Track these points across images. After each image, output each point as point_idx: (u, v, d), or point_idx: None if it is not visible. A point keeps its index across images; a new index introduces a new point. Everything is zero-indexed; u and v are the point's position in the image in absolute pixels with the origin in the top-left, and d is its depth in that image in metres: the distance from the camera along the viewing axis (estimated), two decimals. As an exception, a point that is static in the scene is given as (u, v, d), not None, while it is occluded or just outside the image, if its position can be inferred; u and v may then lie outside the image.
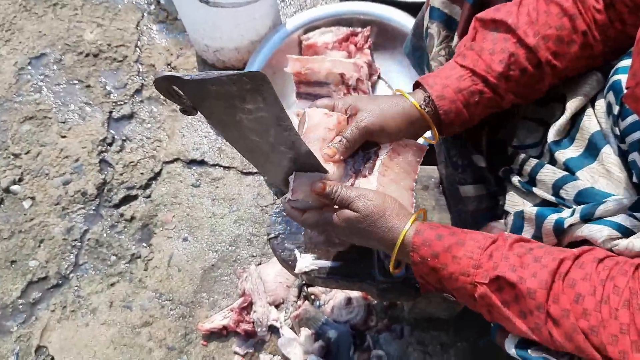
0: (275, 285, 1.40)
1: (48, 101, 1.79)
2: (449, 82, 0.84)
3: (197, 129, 1.71)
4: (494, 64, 0.81)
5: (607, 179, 0.77)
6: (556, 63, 0.81)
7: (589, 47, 0.81)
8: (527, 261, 0.68)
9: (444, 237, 0.74)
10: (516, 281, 0.66)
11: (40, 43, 1.89)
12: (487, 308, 0.72)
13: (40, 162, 1.69)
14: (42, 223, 1.60)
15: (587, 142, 0.81)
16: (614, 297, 0.61)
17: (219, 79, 0.60)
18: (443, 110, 0.83)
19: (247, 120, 0.68)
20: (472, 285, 0.71)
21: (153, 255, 1.52)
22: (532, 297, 0.65)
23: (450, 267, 0.72)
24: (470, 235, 0.74)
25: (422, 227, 0.77)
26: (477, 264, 0.70)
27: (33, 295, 1.51)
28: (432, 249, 0.74)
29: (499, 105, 0.86)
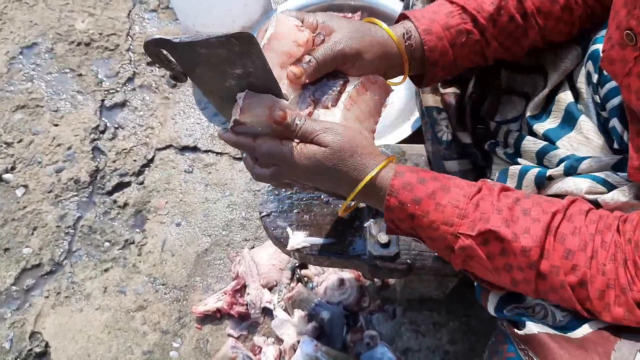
0: (268, 268, 1.41)
1: (40, 90, 1.79)
2: (437, 17, 0.79)
3: (189, 115, 1.71)
4: (485, 4, 0.79)
5: (587, 146, 0.78)
6: (539, 19, 0.81)
7: (570, 9, 0.81)
8: (516, 213, 0.65)
9: (426, 181, 0.68)
10: (510, 238, 0.63)
11: (32, 32, 1.89)
12: (464, 258, 0.68)
13: (32, 151, 1.69)
14: (35, 211, 1.60)
15: (563, 113, 0.82)
16: (602, 252, 0.61)
17: (208, 40, 0.61)
18: (429, 46, 0.78)
19: (237, 87, 0.69)
20: (453, 236, 0.67)
21: (146, 241, 1.53)
22: (526, 255, 0.63)
23: (432, 215, 0.67)
24: (454, 182, 0.69)
25: (402, 168, 0.70)
26: (462, 213, 0.66)
27: (27, 282, 1.51)
28: (414, 194, 0.68)
29: (482, 52, 0.83)
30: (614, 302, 0.60)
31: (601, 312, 0.61)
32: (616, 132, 0.74)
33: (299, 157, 0.70)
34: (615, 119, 0.74)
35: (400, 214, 0.69)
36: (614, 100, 0.73)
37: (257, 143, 0.72)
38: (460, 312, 1.35)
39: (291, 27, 0.71)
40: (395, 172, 0.69)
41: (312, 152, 0.69)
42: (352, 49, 0.73)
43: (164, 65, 0.66)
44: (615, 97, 0.73)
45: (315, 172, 0.70)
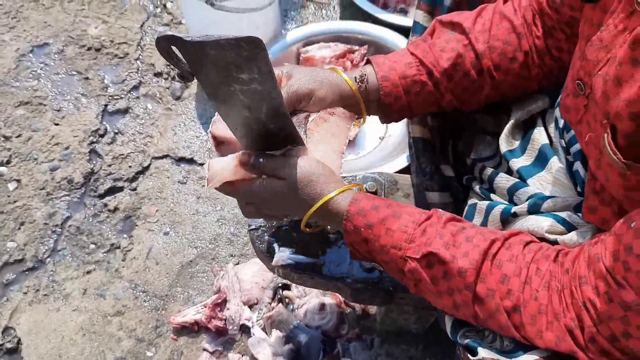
0: (251, 286, 1.41)
1: (45, 89, 1.81)
2: (397, 66, 0.87)
3: (189, 128, 1.74)
4: (442, 60, 0.85)
5: (555, 186, 0.82)
6: (495, 75, 0.86)
7: (527, 67, 0.87)
8: (459, 240, 0.69)
9: (380, 208, 0.74)
10: (448, 259, 0.68)
11: (44, 33, 1.93)
12: (414, 282, 0.72)
13: (30, 147, 1.70)
14: (25, 206, 1.60)
15: (537, 152, 0.86)
16: (536, 279, 0.65)
17: (218, 42, 0.63)
18: (384, 91, 0.86)
19: (241, 92, 0.71)
20: (402, 259, 0.71)
21: (132, 247, 1.53)
22: (463, 276, 0.67)
23: (383, 239, 0.72)
24: (406, 209, 0.74)
25: (359, 196, 0.76)
26: (410, 238, 0.71)
27: (7, 276, 1.50)
28: (367, 219, 0.73)
29: (437, 102, 0.89)
30: (545, 327, 0.63)
31: (534, 338, 0.64)
32: (579, 176, 0.78)
33: (264, 191, 0.77)
34: (578, 162, 0.78)
35: (355, 237, 0.75)
36: (577, 145, 0.77)
37: (235, 188, 0.80)
38: (436, 349, 1.34)
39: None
40: (352, 199, 0.75)
41: (272, 185, 0.76)
42: (306, 89, 0.81)
43: (172, 63, 0.68)
44: (578, 143, 0.77)
45: (281, 203, 0.78)
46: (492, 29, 0.85)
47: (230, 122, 0.81)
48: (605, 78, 0.60)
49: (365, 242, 0.74)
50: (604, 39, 0.62)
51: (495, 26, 0.85)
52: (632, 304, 0.56)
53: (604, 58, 0.62)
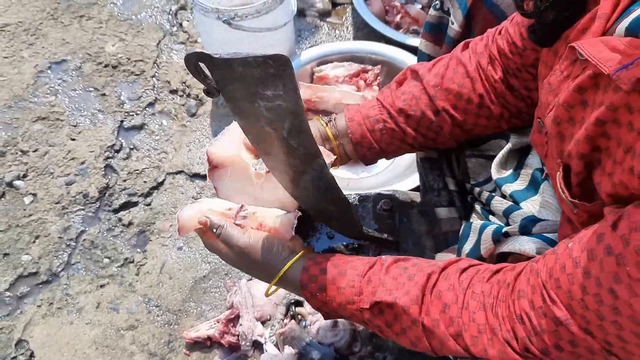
0: (264, 302, 1.42)
1: (62, 104, 1.84)
2: (362, 109, 0.97)
3: (204, 145, 1.76)
4: (398, 101, 0.95)
5: (547, 209, 0.84)
6: (454, 114, 0.92)
7: (487, 107, 0.91)
8: (402, 280, 0.74)
9: (327, 270, 0.79)
10: (392, 302, 0.72)
11: (63, 50, 1.96)
12: (377, 329, 0.77)
13: (46, 161, 1.72)
14: (40, 220, 1.62)
15: (530, 177, 0.89)
16: (472, 302, 0.69)
17: (246, 59, 0.65)
18: (350, 130, 0.96)
19: (265, 108, 0.73)
20: (359, 311, 0.76)
21: (146, 261, 1.54)
22: (407, 313, 0.71)
23: (338, 298, 0.78)
24: (350, 264, 0.79)
25: (308, 263, 0.82)
26: (358, 291, 0.76)
27: (21, 289, 1.51)
28: (319, 284, 0.79)
29: (403, 140, 0.96)
30: (487, 345, 0.66)
31: (482, 357, 0.67)
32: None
33: (220, 252, 0.87)
34: None
35: (315, 302, 0.81)
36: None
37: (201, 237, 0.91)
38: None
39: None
40: (303, 267, 0.81)
41: (226, 252, 0.86)
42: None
43: (199, 79, 0.70)
44: None
45: (239, 267, 0.89)
46: (446, 74, 0.92)
47: (252, 138, 0.83)
48: (556, 120, 0.64)
49: (325, 304, 0.80)
50: (552, 83, 0.67)
51: (452, 70, 0.92)
52: (563, 319, 0.59)
53: (552, 101, 0.66)
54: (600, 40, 0.57)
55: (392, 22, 1.90)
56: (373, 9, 1.89)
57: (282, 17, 1.65)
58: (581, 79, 0.59)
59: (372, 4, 1.92)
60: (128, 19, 2.06)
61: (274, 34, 1.65)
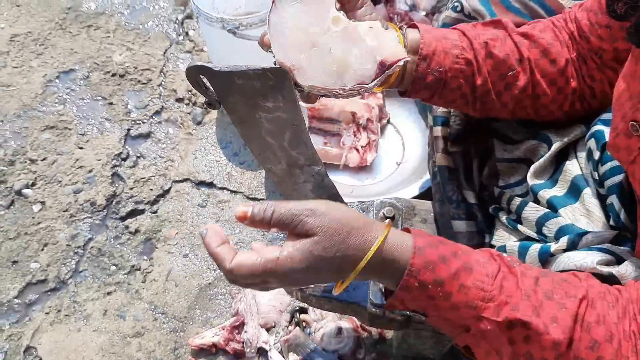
0: (269, 309, 1.42)
1: (70, 113, 1.87)
2: (439, 30, 0.86)
3: (209, 152, 1.77)
4: (482, 35, 0.85)
5: (588, 218, 0.81)
6: (535, 69, 0.85)
7: (565, 78, 0.86)
8: (540, 297, 0.62)
9: (448, 259, 0.63)
10: (542, 331, 0.60)
11: (71, 59, 1.99)
12: (476, 339, 0.64)
13: (54, 170, 1.75)
14: (49, 227, 1.64)
15: (569, 184, 0.86)
16: (625, 343, 0.60)
17: (245, 72, 0.66)
18: (424, 41, 0.81)
19: (265, 119, 0.74)
20: (475, 319, 0.62)
21: (152, 269, 1.55)
22: (557, 348, 0.60)
23: (455, 297, 0.62)
24: (473, 257, 0.65)
25: (420, 242, 0.64)
26: (487, 296, 0.62)
27: (30, 296, 1.53)
28: (437, 275, 0.62)
29: (472, 79, 0.85)
30: None
31: None
32: (613, 210, 0.77)
33: (286, 261, 0.60)
34: (614, 196, 0.77)
35: (418, 294, 0.63)
36: (615, 178, 0.76)
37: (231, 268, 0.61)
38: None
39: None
40: (415, 247, 0.63)
41: (302, 247, 0.60)
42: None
43: (201, 91, 0.71)
44: (616, 176, 0.76)
45: (309, 269, 0.60)
46: (535, 27, 0.86)
47: (253, 148, 0.84)
48: None
49: (427, 299, 0.63)
50: None
51: (540, 28, 0.86)
52: None
53: None
54: None
55: (396, 29, 1.91)
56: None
57: (287, 26, 1.66)
58: None
59: (376, 10, 1.92)
60: (135, 28, 2.09)
61: (279, 42, 1.67)
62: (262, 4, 1.83)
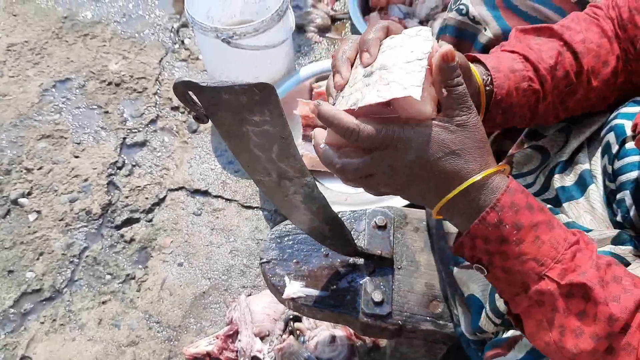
0: (263, 317, 1.43)
1: (66, 122, 1.87)
2: (502, 60, 0.78)
3: (205, 161, 1.78)
4: (545, 56, 0.79)
5: (591, 215, 0.80)
6: (592, 79, 0.81)
7: (616, 75, 0.83)
8: (607, 278, 0.61)
9: (534, 209, 0.63)
10: (601, 301, 0.59)
11: (67, 68, 2.00)
12: (531, 303, 0.63)
13: (50, 179, 1.75)
14: (44, 237, 1.64)
15: (578, 176, 0.85)
16: None
17: (232, 87, 0.67)
18: (497, 83, 0.76)
19: (253, 133, 0.75)
20: (538, 276, 0.62)
21: (147, 277, 1.56)
22: (611, 324, 0.59)
23: (527, 246, 0.62)
24: (558, 221, 0.65)
25: (514, 185, 0.64)
26: (558, 257, 0.61)
27: (25, 305, 1.53)
28: (517, 218, 0.62)
29: (536, 105, 0.82)
30: None
31: None
32: (624, 205, 0.76)
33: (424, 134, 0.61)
34: (627, 191, 0.75)
35: (492, 232, 0.63)
36: (630, 174, 0.75)
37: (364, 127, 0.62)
38: (448, 383, 1.34)
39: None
40: (507, 187, 0.63)
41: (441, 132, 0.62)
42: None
43: (189, 106, 0.72)
44: (632, 172, 0.75)
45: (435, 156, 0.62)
46: (582, 30, 0.81)
47: (242, 160, 0.85)
48: None
49: (500, 241, 0.63)
50: None
51: (585, 30, 0.82)
52: None
53: None
54: None
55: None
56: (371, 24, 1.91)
57: (281, 35, 1.67)
58: None
59: (370, 19, 1.94)
60: (131, 37, 2.10)
61: (273, 51, 1.68)
62: (257, 13, 1.84)
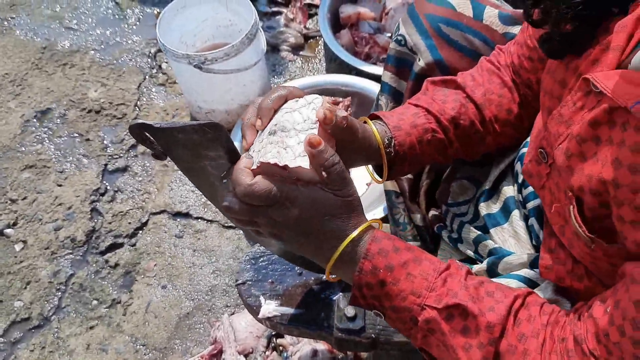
0: (246, 335, 1.46)
1: (49, 152, 1.91)
2: (405, 117, 0.86)
3: (185, 183, 1.82)
4: (447, 108, 0.87)
5: (516, 239, 0.86)
6: (496, 126, 0.89)
7: (521, 119, 0.90)
8: (481, 294, 0.68)
9: (401, 250, 0.70)
10: (477, 313, 0.66)
11: (47, 98, 2.04)
12: (424, 333, 0.69)
13: (35, 208, 1.79)
14: (31, 266, 1.68)
15: (502, 203, 0.91)
16: (549, 342, 0.65)
17: (184, 128, 0.71)
18: (398, 141, 0.84)
19: (210, 166, 0.79)
20: (419, 307, 0.68)
21: (132, 301, 1.59)
22: (490, 331, 0.65)
23: (402, 283, 0.69)
24: (425, 255, 0.72)
25: (380, 234, 0.71)
26: (431, 286, 0.68)
27: (15, 334, 1.56)
28: (388, 261, 0.69)
29: (445, 151, 0.89)
30: None
31: None
32: (534, 231, 0.83)
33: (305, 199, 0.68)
34: (533, 218, 0.82)
35: (371, 278, 0.70)
36: (535, 201, 0.82)
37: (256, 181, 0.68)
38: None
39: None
40: (373, 236, 0.70)
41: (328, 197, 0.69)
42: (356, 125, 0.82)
43: (146, 145, 0.76)
44: (536, 199, 0.81)
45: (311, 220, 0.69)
46: (484, 84, 0.88)
47: (204, 192, 0.89)
48: (567, 153, 0.62)
49: (380, 285, 0.70)
50: (564, 114, 0.65)
51: (487, 82, 0.89)
52: None
53: (564, 132, 0.64)
54: (616, 73, 0.56)
55: (361, 52, 1.96)
56: (342, 40, 1.96)
57: (253, 57, 1.72)
58: (596, 113, 0.58)
59: (342, 36, 1.98)
60: (110, 64, 2.14)
61: (246, 73, 1.72)
62: (230, 35, 1.88)
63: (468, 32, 1.00)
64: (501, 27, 1.00)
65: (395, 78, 1.07)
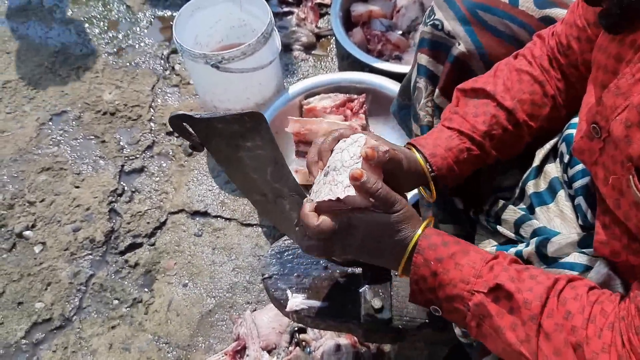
0: (269, 331, 1.47)
1: (65, 154, 1.92)
2: (439, 142, 0.91)
3: (202, 182, 1.83)
4: (478, 124, 0.91)
5: (561, 219, 0.86)
6: (532, 124, 0.92)
7: (557, 109, 0.92)
8: (524, 276, 0.72)
9: (449, 244, 0.77)
10: (514, 291, 0.70)
11: (62, 102, 2.05)
12: (477, 320, 0.74)
13: (53, 210, 1.80)
14: (51, 267, 1.69)
15: (548, 184, 0.91)
16: (600, 318, 0.66)
17: (224, 117, 0.72)
18: (436, 167, 0.90)
19: (247, 157, 0.80)
20: (469, 293, 0.74)
21: (154, 300, 1.60)
22: (528, 307, 0.69)
23: (452, 272, 0.75)
24: (473, 247, 0.79)
25: (430, 231, 0.79)
26: (478, 273, 0.74)
27: (36, 336, 1.57)
28: (437, 253, 0.76)
29: (484, 161, 0.94)
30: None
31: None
32: (581, 210, 0.82)
33: (367, 222, 0.78)
34: (581, 197, 0.82)
35: (424, 270, 0.77)
36: (582, 180, 0.82)
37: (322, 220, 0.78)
38: (452, 383, 1.38)
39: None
40: (423, 234, 0.79)
41: (385, 219, 0.78)
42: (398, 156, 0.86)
43: (184, 136, 0.77)
44: (583, 178, 0.82)
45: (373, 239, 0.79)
46: (513, 86, 0.91)
47: (238, 183, 0.90)
48: (627, 123, 0.63)
49: (433, 276, 0.77)
50: (622, 86, 0.66)
51: (516, 82, 0.92)
52: None
53: (622, 104, 0.64)
54: None
55: (374, 50, 1.98)
56: (355, 39, 1.97)
57: (268, 56, 1.73)
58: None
59: (354, 34, 2.00)
60: (123, 67, 2.15)
61: (261, 72, 1.73)
62: (244, 35, 1.89)
63: (505, 18, 1.00)
64: (537, 12, 1.00)
65: (433, 61, 1.06)
